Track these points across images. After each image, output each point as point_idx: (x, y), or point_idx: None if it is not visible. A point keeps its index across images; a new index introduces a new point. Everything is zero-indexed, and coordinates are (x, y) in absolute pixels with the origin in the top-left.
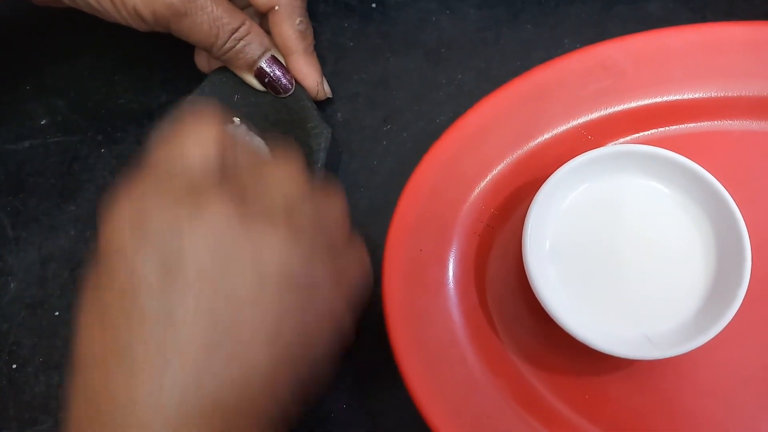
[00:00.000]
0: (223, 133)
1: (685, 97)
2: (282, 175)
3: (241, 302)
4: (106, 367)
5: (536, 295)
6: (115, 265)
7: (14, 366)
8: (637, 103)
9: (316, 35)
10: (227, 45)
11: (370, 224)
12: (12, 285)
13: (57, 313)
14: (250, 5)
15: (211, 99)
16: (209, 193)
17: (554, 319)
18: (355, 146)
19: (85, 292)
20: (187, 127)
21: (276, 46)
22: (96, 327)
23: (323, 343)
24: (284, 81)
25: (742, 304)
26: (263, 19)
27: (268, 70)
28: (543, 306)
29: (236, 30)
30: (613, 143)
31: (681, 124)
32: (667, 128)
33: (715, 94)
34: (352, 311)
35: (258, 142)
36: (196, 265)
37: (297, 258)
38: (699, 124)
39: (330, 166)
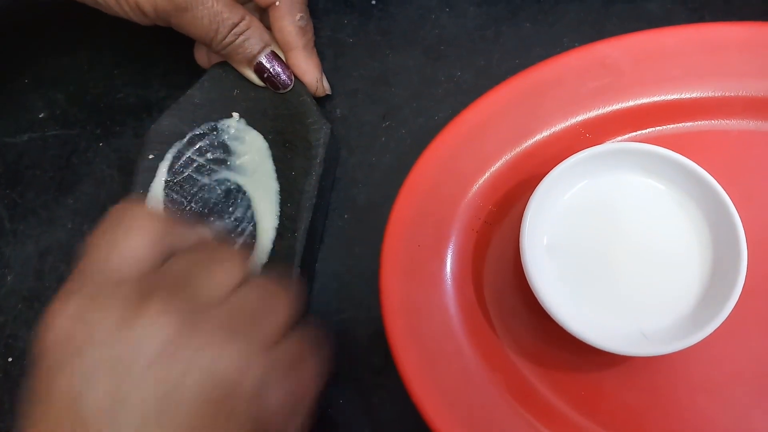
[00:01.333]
0: (161, 224)
1: (683, 96)
2: (218, 263)
3: (189, 412)
4: None
5: (533, 291)
6: (59, 371)
7: (10, 359)
8: (636, 102)
9: (316, 31)
10: (227, 40)
11: (368, 220)
12: (9, 278)
13: None
14: (250, 0)
15: (211, 93)
16: (151, 296)
17: (551, 315)
18: (354, 142)
19: (27, 401)
20: (123, 227)
21: (276, 41)
22: None
23: None
24: (283, 77)
25: (737, 301)
26: (263, 14)
27: (267, 65)
28: (540, 302)
29: (236, 25)
30: (611, 141)
31: (679, 122)
32: (664, 127)
33: (713, 93)
34: (307, 413)
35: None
36: (139, 375)
37: (241, 372)
38: (697, 122)
39: (329, 162)
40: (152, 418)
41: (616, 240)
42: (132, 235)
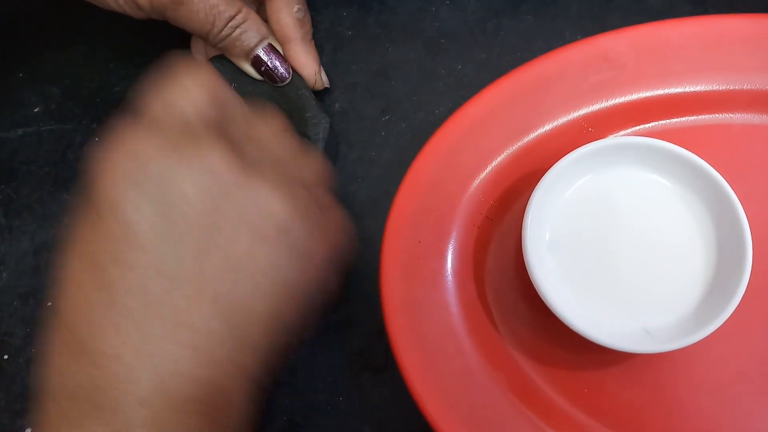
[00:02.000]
0: (215, 81)
1: (687, 89)
2: (272, 131)
3: (235, 256)
4: (92, 317)
5: (535, 288)
6: (108, 212)
7: (5, 356)
8: (639, 96)
9: (315, 24)
10: (223, 33)
11: (368, 215)
12: (4, 274)
13: (50, 303)
14: None
15: None
16: (204, 142)
17: (553, 312)
18: (354, 137)
19: (76, 236)
20: (180, 74)
21: (273, 34)
22: (85, 273)
23: (311, 298)
24: (281, 70)
25: (741, 298)
26: (260, 6)
27: (265, 58)
28: (542, 298)
29: (232, 18)
30: (614, 135)
31: (682, 116)
32: (668, 121)
33: (717, 87)
34: (337, 269)
35: None
36: (191, 217)
37: (291, 215)
38: (700, 116)
39: (328, 156)
40: (191, 238)
41: (619, 236)
42: (192, 80)
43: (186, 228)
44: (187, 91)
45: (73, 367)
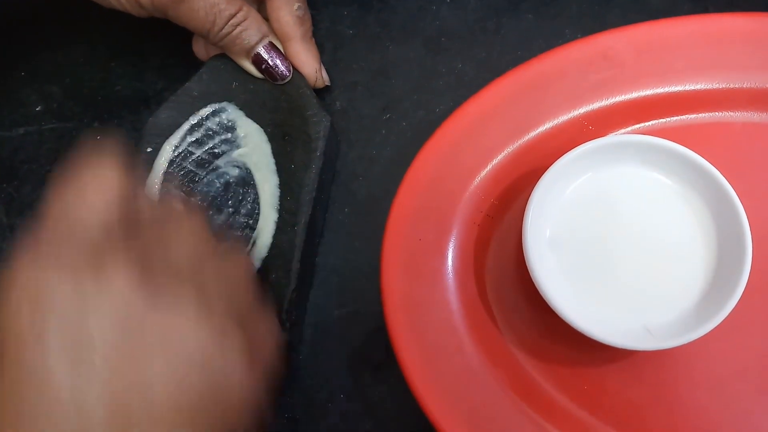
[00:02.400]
0: (123, 181)
1: (687, 88)
2: (186, 233)
3: (151, 388)
4: None
5: (536, 285)
6: (15, 353)
7: None
8: (639, 94)
9: (315, 23)
10: (224, 31)
11: (368, 214)
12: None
13: None
14: None
15: (209, 86)
16: (112, 261)
17: (554, 309)
18: (354, 135)
19: None
20: (87, 175)
21: (274, 32)
22: None
23: (238, 421)
24: (282, 68)
25: (741, 296)
26: (261, 5)
27: (265, 56)
28: (542, 296)
29: (233, 16)
30: (614, 134)
31: (682, 115)
32: (668, 119)
33: (717, 85)
34: (266, 385)
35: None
36: (104, 352)
37: (207, 335)
38: (700, 115)
39: (329, 155)
40: (113, 365)
41: (620, 233)
42: (97, 190)
43: (99, 370)
44: (89, 204)
45: None
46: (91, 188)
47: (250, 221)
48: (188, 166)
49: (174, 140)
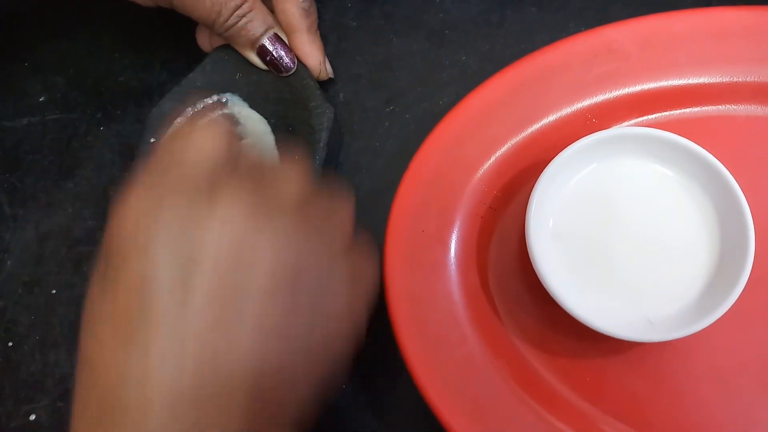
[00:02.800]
0: (232, 133)
1: (690, 81)
2: (290, 175)
3: (254, 298)
4: (118, 368)
5: (538, 277)
6: (128, 258)
7: (10, 344)
8: (642, 87)
9: (319, 15)
10: (229, 22)
11: (371, 206)
12: (9, 262)
13: (54, 291)
14: None
15: (212, 77)
16: (224, 187)
17: (556, 301)
18: (358, 127)
19: (95, 285)
20: (199, 124)
21: (279, 24)
22: (107, 324)
23: (339, 342)
24: (286, 60)
25: (743, 288)
26: None
27: (270, 48)
28: (545, 287)
29: (239, 7)
30: (617, 126)
31: (686, 108)
32: (671, 112)
33: (720, 78)
34: (367, 312)
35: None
36: (212, 263)
37: (310, 257)
38: (704, 108)
39: (332, 146)
40: (219, 297)
41: (623, 225)
42: (208, 135)
43: (207, 276)
44: (205, 138)
45: (103, 424)
46: (199, 136)
47: None
48: None
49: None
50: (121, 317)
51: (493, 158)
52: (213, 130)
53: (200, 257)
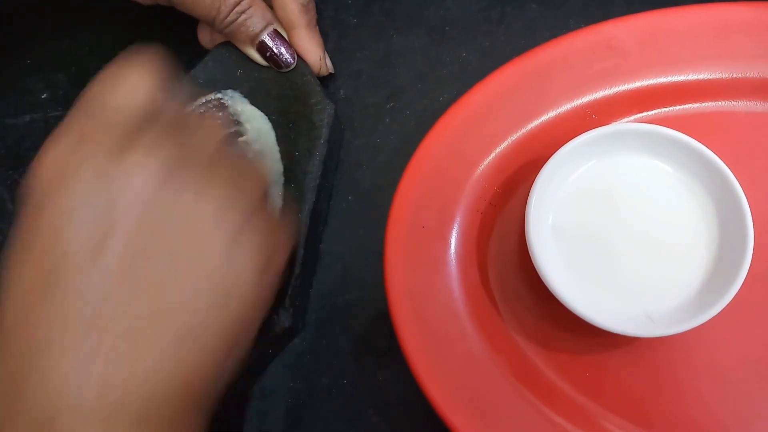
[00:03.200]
0: (157, 77)
1: (690, 77)
2: (208, 131)
3: (161, 292)
4: (29, 350)
5: (538, 272)
6: (44, 208)
7: None
8: (642, 83)
9: (319, 12)
10: (229, 18)
11: (372, 202)
12: None
13: None
14: None
15: (214, 73)
16: (140, 146)
17: (556, 296)
18: (358, 124)
19: (11, 250)
20: (124, 68)
21: (278, 20)
22: (22, 284)
23: (241, 332)
24: (286, 55)
25: (742, 284)
26: None
27: (270, 44)
28: (545, 283)
29: (238, 3)
30: (617, 122)
31: (685, 104)
32: (671, 108)
33: (720, 75)
34: (275, 278)
35: (257, 117)
36: (129, 230)
37: (224, 237)
38: (703, 104)
39: (333, 143)
40: (129, 260)
41: (622, 221)
42: (135, 78)
43: (128, 256)
44: (125, 91)
45: (13, 413)
46: (127, 78)
47: None
48: None
49: None
50: (35, 279)
51: (493, 154)
52: (140, 74)
53: (113, 216)
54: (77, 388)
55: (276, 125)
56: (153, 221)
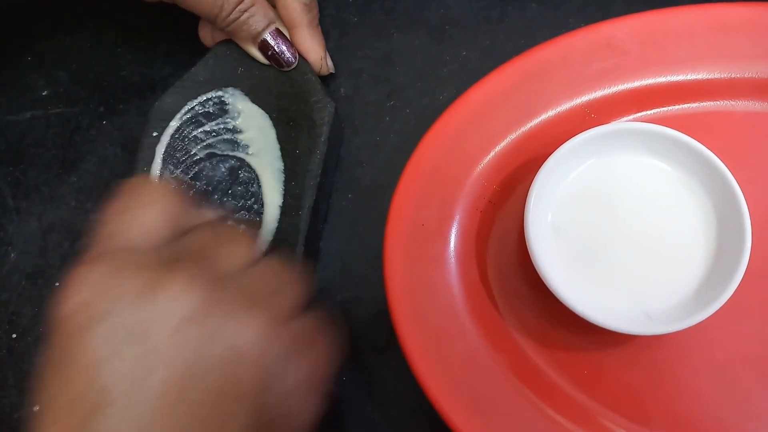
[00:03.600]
0: (172, 197)
1: (689, 77)
2: (241, 253)
3: (215, 417)
4: None
5: (537, 270)
6: (81, 372)
7: (14, 335)
8: (641, 83)
9: (321, 10)
10: (231, 17)
11: (372, 200)
12: (12, 255)
13: (57, 284)
14: None
15: (215, 71)
16: (168, 277)
17: (555, 294)
18: (358, 122)
19: (46, 382)
20: (137, 197)
21: (280, 19)
22: (60, 412)
23: (303, 414)
24: (288, 54)
25: (740, 282)
26: None
27: (271, 42)
28: (544, 281)
29: (240, 2)
30: (616, 122)
31: (684, 103)
32: (670, 108)
33: (719, 74)
34: (324, 386)
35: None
36: (165, 364)
37: (271, 351)
38: (702, 104)
39: (333, 141)
40: (175, 388)
41: (621, 220)
42: (148, 209)
43: (165, 385)
44: (142, 219)
45: None
46: (140, 209)
47: (255, 206)
48: (194, 150)
49: (176, 123)
50: (74, 403)
51: (492, 153)
52: (155, 200)
53: (157, 340)
54: None
55: (277, 123)
56: (197, 346)
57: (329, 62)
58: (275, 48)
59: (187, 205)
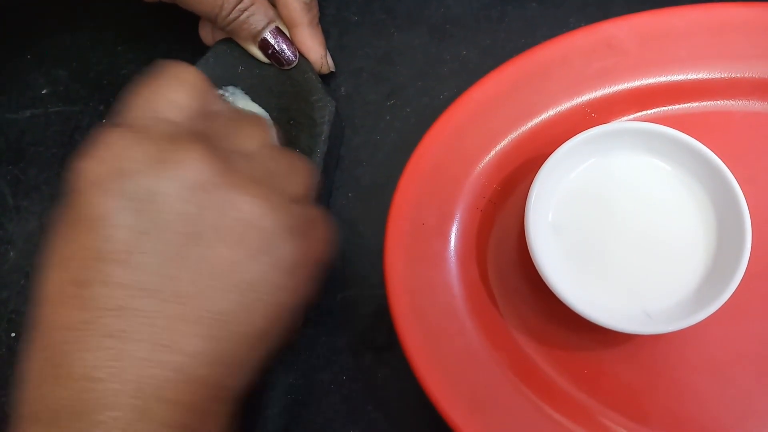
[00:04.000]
0: (200, 85)
1: (689, 77)
2: (258, 138)
3: (221, 273)
4: (74, 337)
5: (537, 269)
6: (90, 226)
7: (13, 334)
8: (641, 82)
9: (321, 9)
10: (231, 16)
11: (372, 199)
12: (12, 253)
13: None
14: None
15: (215, 70)
16: (187, 152)
17: (555, 293)
18: (359, 121)
19: (56, 248)
20: (163, 77)
21: (281, 17)
22: (67, 289)
23: (294, 313)
24: (288, 53)
25: (740, 281)
26: None
27: (272, 41)
28: (544, 280)
29: (240, 1)
30: (616, 121)
31: (684, 103)
32: (669, 107)
33: (719, 74)
34: (319, 282)
35: (259, 111)
36: (174, 233)
37: (277, 229)
38: (702, 103)
39: (333, 140)
40: (175, 249)
41: (621, 219)
42: (177, 86)
43: (169, 244)
44: (170, 94)
45: (55, 390)
46: (172, 84)
47: None
48: None
49: None
50: (76, 269)
51: (493, 152)
52: (180, 84)
53: (165, 222)
54: (117, 397)
55: (277, 122)
56: (202, 213)
57: (329, 61)
58: (275, 47)
59: (214, 91)
